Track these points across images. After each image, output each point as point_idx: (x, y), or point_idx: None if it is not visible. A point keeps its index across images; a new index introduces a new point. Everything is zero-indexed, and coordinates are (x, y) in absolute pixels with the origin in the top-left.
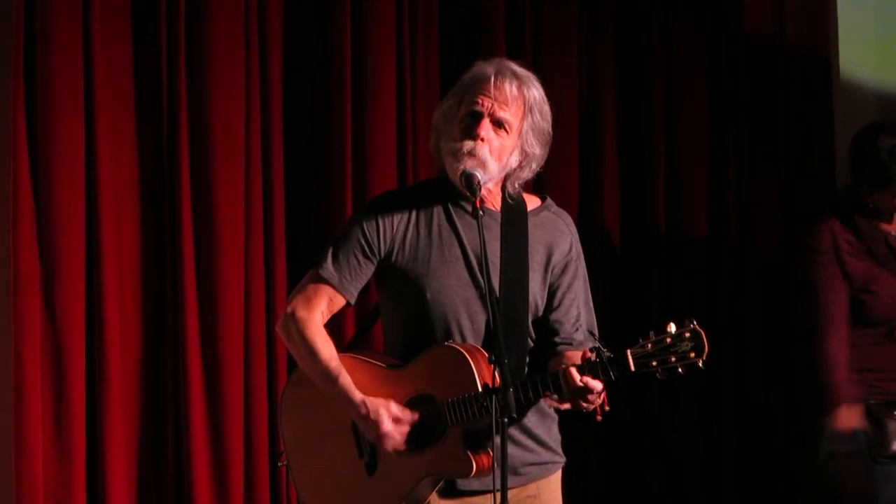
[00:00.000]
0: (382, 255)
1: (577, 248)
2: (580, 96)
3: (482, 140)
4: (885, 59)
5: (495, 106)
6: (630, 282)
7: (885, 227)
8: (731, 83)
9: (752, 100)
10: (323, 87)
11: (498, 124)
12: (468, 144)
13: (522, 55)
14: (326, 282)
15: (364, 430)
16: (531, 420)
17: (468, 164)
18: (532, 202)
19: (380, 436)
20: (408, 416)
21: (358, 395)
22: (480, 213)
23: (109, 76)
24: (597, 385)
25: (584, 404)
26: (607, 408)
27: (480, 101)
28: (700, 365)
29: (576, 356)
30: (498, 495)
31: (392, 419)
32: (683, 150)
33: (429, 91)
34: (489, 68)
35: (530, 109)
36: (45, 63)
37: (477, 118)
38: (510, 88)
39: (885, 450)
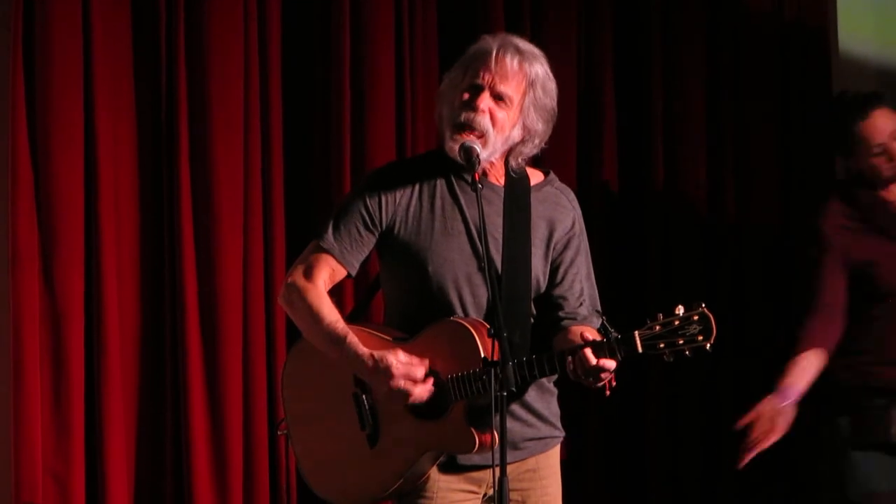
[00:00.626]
0: (384, 227)
1: (580, 224)
2: (578, 71)
3: (482, 111)
4: (883, 33)
5: (496, 79)
6: (628, 257)
7: (884, 195)
8: (730, 59)
9: (751, 75)
10: (322, 59)
11: (498, 97)
12: (467, 115)
13: (521, 28)
14: (328, 252)
15: (376, 383)
16: (531, 395)
17: (466, 137)
18: (535, 177)
19: (393, 381)
20: (417, 360)
21: (366, 351)
22: (479, 186)
23: (108, 50)
24: (611, 364)
25: (594, 382)
26: (615, 384)
27: (481, 75)
28: (708, 348)
29: (581, 331)
30: (497, 470)
31: (404, 363)
32: (681, 129)
33: (427, 65)
34: (493, 42)
35: (531, 85)
36: (45, 38)
37: (477, 91)
38: (511, 63)
39: (864, 439)
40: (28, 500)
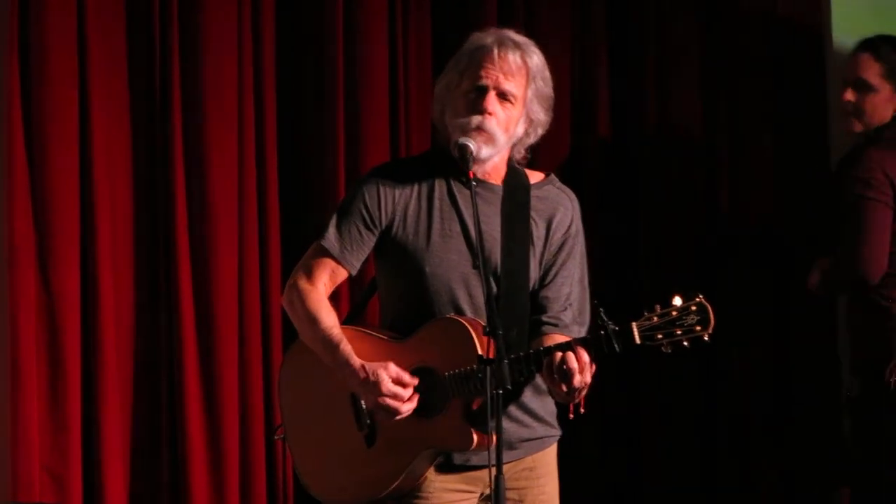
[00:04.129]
0: (383, 225)
1: (578, 225)
2: (572, 65)
3: (489, 114)
4: (878, 27)
5: (500, 78)
6: (621, 252)
7: None
8: (725, 57)
9: (745, 70)
10: (315, 58)
11: (503, 96)
12: (476, 119)
13: (514, 21)
14: (328, 253)
15: (364, 396)
16: (527, 395)
17: (477, 140)
18: (535, 177)
19: (381, 398)
20: (407, 377)
21: (357, 361)
22: (474, 183)
23: (103, 48)
24: (583, 356)
25: (565, 387)
26: (583, 410)
27: (484, 75)
28: (706, 338)
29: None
30: (493, 470)
31: (393, 380)
32: (676, 122)
33: (421, 61)
34: (489, 39)
35: (533, 77)
36: (39, 35)
37: (482, 92)
38: (514, 59)
39: None
40: (25, 497)
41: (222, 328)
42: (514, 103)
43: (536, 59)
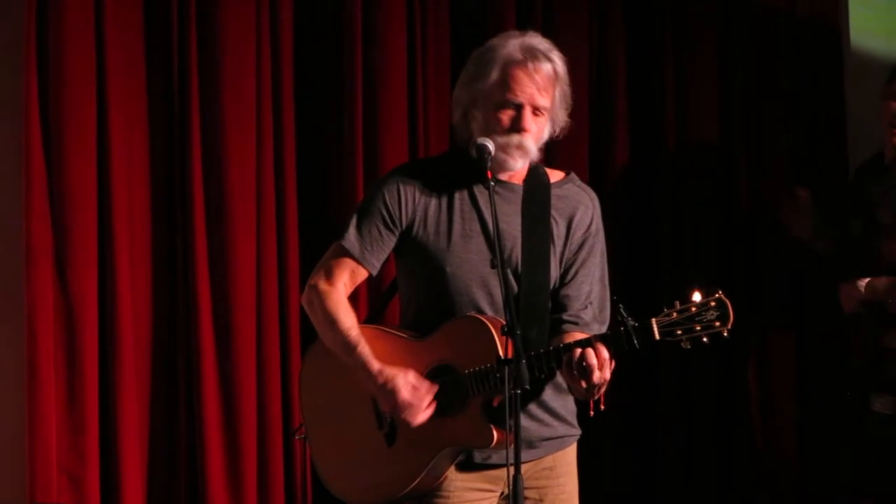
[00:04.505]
0: (404, 226)
1: (598, 224)
2: (591, 68)
3: (528, 132)
4: (895, 27)
5: (535, 95)
6: (641, 249)
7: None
8: (742, 55)
9: (763, 71)
10: (333, 59)
11: (535, 110)
12: (515, 139)
13: (533, 23)
14: (348, 253)
15: (381, 400)
16: (547, 393)
17: (515, 156)
18: (555, 176)
19: (397, 406)
20: (426, 385)
21: (375, 365)
22: (492, 183)
23: (121, 49)
24: (603, 353)
25: (585, 383)
26: (603, 407)
27: (519, 91)
28: (725, 334)
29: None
30: (512, 468)
31: (410, 389)
32: (694, 122)
33: (439, 63)
34: (518, 51)
35: (559, 83)
36: (57, 34)
37: (519, 110)
38: (546, 71)
39: None
40: (42, 498)
41: (240, 329)
42: (546, 115)
43: (561, 63)
